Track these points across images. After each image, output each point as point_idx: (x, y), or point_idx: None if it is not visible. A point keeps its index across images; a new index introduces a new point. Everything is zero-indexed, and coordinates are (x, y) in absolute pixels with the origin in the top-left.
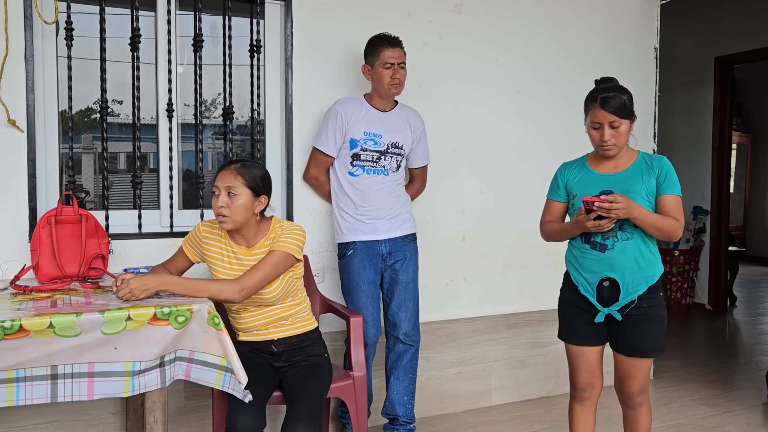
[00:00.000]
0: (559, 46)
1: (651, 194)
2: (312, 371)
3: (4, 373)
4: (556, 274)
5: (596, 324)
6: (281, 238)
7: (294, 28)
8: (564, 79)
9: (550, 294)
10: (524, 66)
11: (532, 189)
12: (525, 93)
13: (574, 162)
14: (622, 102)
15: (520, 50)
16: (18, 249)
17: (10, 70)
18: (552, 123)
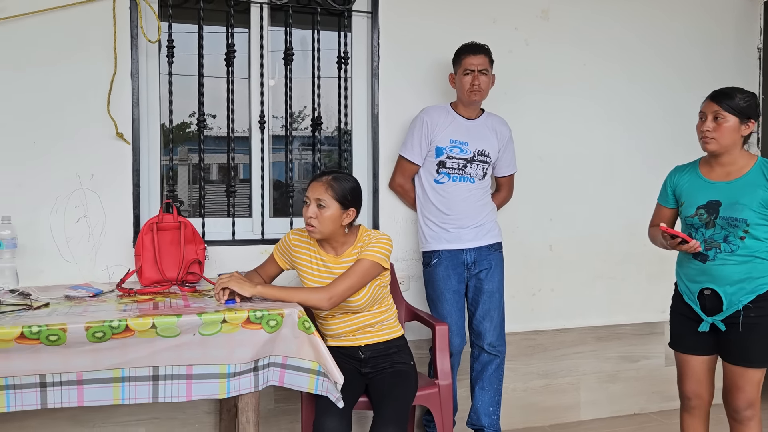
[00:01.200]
0: (651, 49)
1: (766, 205)
2: (398, 378)
3: (111, 372)
4: (649, 286)
5: (703, 333)
6: (369, 247)
7: (380, 39)
8: (656, 82)
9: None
10: (614, 70)
11: (623, 197)
12: (615, 98)
13: (686, 166)
14: (732, 96)
15: (610, 54)
16: (123, 254)
17: (117, 87)
18: (644, 128)
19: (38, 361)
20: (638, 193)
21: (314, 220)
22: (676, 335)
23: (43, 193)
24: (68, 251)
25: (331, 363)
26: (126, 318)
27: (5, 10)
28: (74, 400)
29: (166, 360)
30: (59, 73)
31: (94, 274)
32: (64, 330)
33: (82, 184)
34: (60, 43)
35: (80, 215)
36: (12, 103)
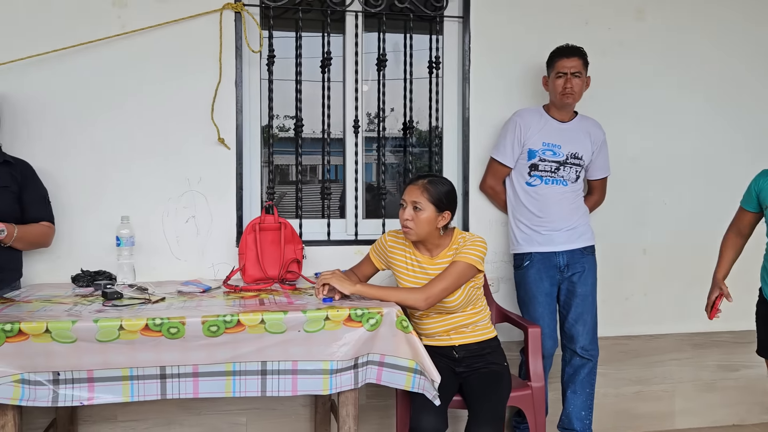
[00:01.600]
0: (754, 44)
1: None
2: (493, 378)
3: (224, 365)
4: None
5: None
6: (464, 249)
7: (471, 43)
8: (757, 82)
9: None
10: (713, 69)
11: (721, 199)
12: (714, 98)
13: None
14: None
15: (708, 53)
16: (227, 252)
17: (221, 95)
18: (744, 129)
19: (159, 354)
20: (737, 195)
21: (410, 222)
22: (762, 341)
23: (157, 195)
24: (178, 249)
25: (429, 361)
26: (237, 313)
27: (125, 26)
28: (190, 392)
29: (274, 355)
30: (172, 83)
31: (201, 272)
32: (183, 323)
33: (191, 187)
34: (173, 55)
35: (189, 216)
36: (130, 111)
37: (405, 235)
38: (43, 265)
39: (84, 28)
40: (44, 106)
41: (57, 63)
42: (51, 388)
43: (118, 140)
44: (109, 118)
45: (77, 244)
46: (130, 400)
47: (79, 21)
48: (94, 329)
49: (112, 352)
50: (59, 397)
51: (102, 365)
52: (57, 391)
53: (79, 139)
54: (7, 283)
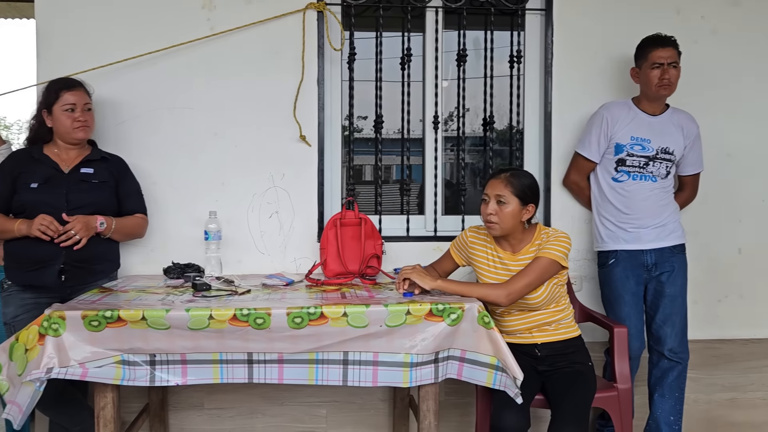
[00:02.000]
0: None
1: None
2: (577, 378)
3: (307, 354)
4: None
5: None
6: (547, 245)
7: (554, 36)
8: None
9: None
10: None
11: None
12: None
13: None
14: None
15: None
16: (309, 247)
17: (303, 93)
18: None
19: (246, 343)
20: None
21: (494, 217)
22: None
23: (242, 191)
24: (262, 244)
25: (511, 359)
26: (321, 305)
27: (214, 28)
28: (275, 378)
29: (355, 347)
30: (257, 82)
31: (284, 265)
32: (269, 314)
33: (274, 183)
34: (258, 55)
35: (273, 211)
36: (218, 110)
37: (489, 230)
38: (137, 258)
39: (175, 31)
40: (137, 106)
41: (150, 65)
42: (148, 368)
43: (206, 138)
44: (199, 116)
45: (169, 237)
46: (220, 381)
47: (170, 24)
48: (186, 318)
49: (202, 339)
50: (156, 377)
51: (193, 350)
52: (154, 372)
53: (170, 137)
54: (106, 274)
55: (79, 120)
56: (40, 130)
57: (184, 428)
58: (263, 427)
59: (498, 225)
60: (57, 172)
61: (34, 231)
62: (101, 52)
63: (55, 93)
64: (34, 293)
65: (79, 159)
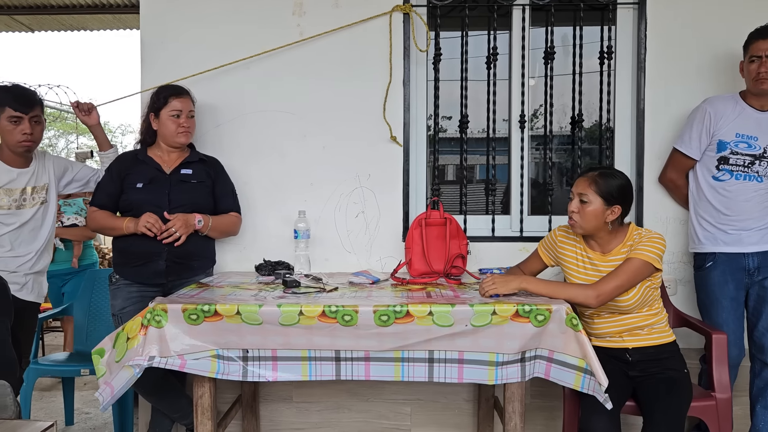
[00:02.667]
0: None
1: None
2: (672, 385)
3: (392, 353)
4: None
5: None
6: (639, 245)
7: (648, 31)
8: None
9: None
10: None
11: None
12: None
13: None
14: None
15: None
16: (394, 246)
17: (391, 94)
18: None
19: (334, 340)
20: None
21: (576, 215)
22: None
23: (330, 191)
24: (349, 243)
25: (597, 363)
26: (407, 304)
27: (303, 33)
28: (362, 375)
29: (441, 346)
30: (343, 85)
31: (370, 264)
32: (356, 311)
33: (360, 183)
34: (346, 58)
35: (359, 211)
36: (307, 112)
37: (570, 227)
38: (231, 255)
39: (267, 38)
40: (232, 110)
41: (244, 70)
42: (241, 364)
43: (295, 139)
44: (289, 119)
45: (260, 236)
46: (308, 378)
47: (262, 31)
48: (278, 313)
49: (293, 335)
50: (248, 372)
51: (284, 346)
52: (246, 368)
53: (262, 138)
54: (203, 270)
55: (183, 126)
56: (147, 133)
57: (274, 419)
58: (348, 421)
59: (578, 223)
60: (160, 173)
61: (141, 228)
62: (198, 59)
63: (164, 98)
64: (140, 287)
65: (179, 161)
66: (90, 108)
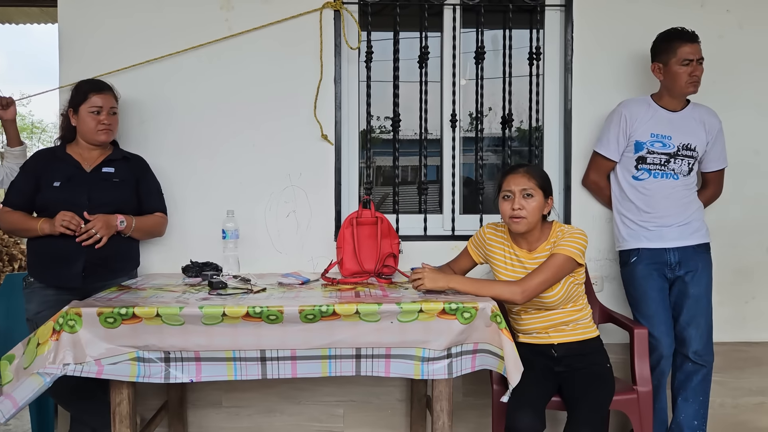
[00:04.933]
0: None
1: None
2: (594, 379)
3: (320, 350)
4: None
5: None
6: (562, 241)
7: (574, 33)
8: None
9: None
10: None
11: None
12: None
13: None
14: None
15: None
16: (325, 246)
17: (322, 93)
18: None
19: (260, 338)
20: None
21: (522, 211)
22: None
23: (260, 190)
24: (279, 242)
25: (512, 362)
26: (333, 304)
27: (232, 28)
28: (289, 373)
29: (368, 342)
30: (274, 82)
31: (301, 264)
32: (281, 312)
33: (291, 182)
34: (276, 55)
35: (290, 210)
36: (236, 109)
37: (514, 226)
38: (156, 256)
39: (194, 32)
40: (158, 106)
41: (170, 65)
42: (163, 365)
43: (224, 137)
44: (217, 116)
45: (187, 236)
46: (233, 378)
47: (189, 26)
48: (200, 314)
49: (216, 335)
50: (170, 374)
51: (207, 347)
52: (168, 369)
53: (189, 136)
54: (126, 272)
55: (103, 123)
56: (67, 129)
57: (203, 426)
58: (281, 425)
59: (526, 219)
60: (79, 171)
61: (57, 227)
62: (121, 53)
63: (84, 94)
64: (56, 290)
65: (101, 158)
66: (9, 102)
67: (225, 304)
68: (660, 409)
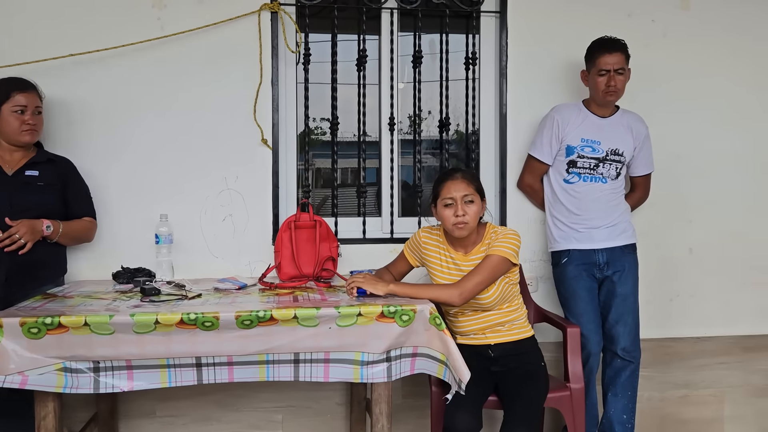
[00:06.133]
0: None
1: None
2: (529, 378)
3: (257, 356)
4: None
5: None
6: (496, 243)
7: (509, 39)
8: None
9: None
10: (761, 60)
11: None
12: (764, 91)
13: None
14: None
15: (756, 44)
16: (263, 250)
17: (261, 95)
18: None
19: (194, 345)
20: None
21: (466, 217)
22: None
23: (195, 194)
24: (216, 247)
25: (459, 362)
26: (270, 309)
27: (165, 28)
28: (225, 378)
29: (306, 347)
30: (211, 83)
31: (238, 269)
32: (217, 318)
33: (228, 186)
34: (213, 57)
35: (226, 214)
36: (171, 111)
37: (458, 232)
38: (85, 263)
39: (125, 30)
40: (87, 106)
41: (99, 64)
42: (92, 375)
43: (158, 140)
44: (151, 118)
45: (119, 241)
46: (168, 385)
47: (120, 23)
48: (131, 323)
49: (149, 344)
50: (100, 384)
51: (139, 356)
52: (98, 379)
53: (121, 138)
54: (52, 279)
55: (28, 123)
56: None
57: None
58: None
59: (470, 224)
60: (0, 175)
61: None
62: (44, 47)
63: (6, 93)
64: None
65: (24, 161)
66: None
67: (158, 311)
68: (591, 405)
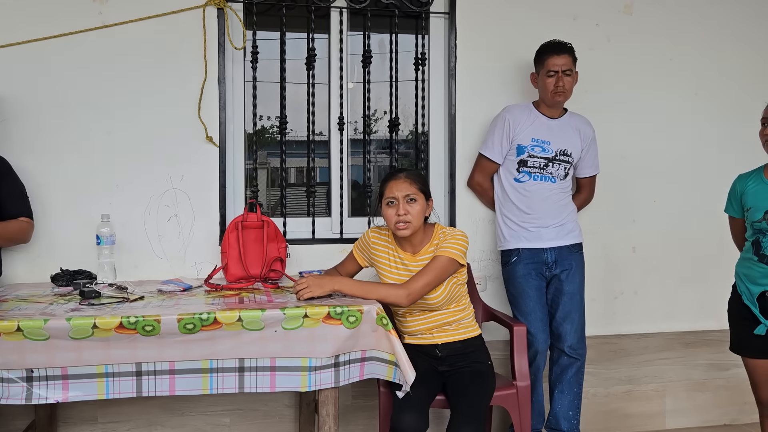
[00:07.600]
0: (744, 42)
1: None
2: (476, 377)
3: (200, 363)
4: None
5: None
6: (444, 243)
7: (458, 40)
8: (748, 78)
9: None
10: (703, 65)
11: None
12: (704, 94)
13: (750, 173)
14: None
15: (699, 48)
16: (210, 251)
17: (206, 93)
18: (735, 126)
19: (135, 350)
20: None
21: (408, 216)
22: (735, 338)
23: (138, 193)
24: (160, 248)
25: (404, 362)
26: (214, 311)
27: (104, 20)
28: (166, 390)
29: (251, 352)
30: (154, 80)
31: (184, 270)
32: (159, 321)
33: (173, 185)
34: (156, 52)
35: (171, 214)
36: (113, 107)
37: (400, 232)
38: (22, 265)
39: (63, 22)
40: (22, 102)
41: (36, 57)
42: (24, 385)
43: (98, 137)
44: (91, 114)
45: (57, 243)
46: (105, 397)
47: (58, 13)
48: (67, 327)
49: (86, 350)
50: (33, 395)
51: (76, 362)
52: (31, 389)
53: (59, 135)
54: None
55: None
56: None
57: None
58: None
59: (412, 224)
60: None
61: None
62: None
63: None
64: None
65: None
66: None
67: (97, 314)
68: (537, 402)
